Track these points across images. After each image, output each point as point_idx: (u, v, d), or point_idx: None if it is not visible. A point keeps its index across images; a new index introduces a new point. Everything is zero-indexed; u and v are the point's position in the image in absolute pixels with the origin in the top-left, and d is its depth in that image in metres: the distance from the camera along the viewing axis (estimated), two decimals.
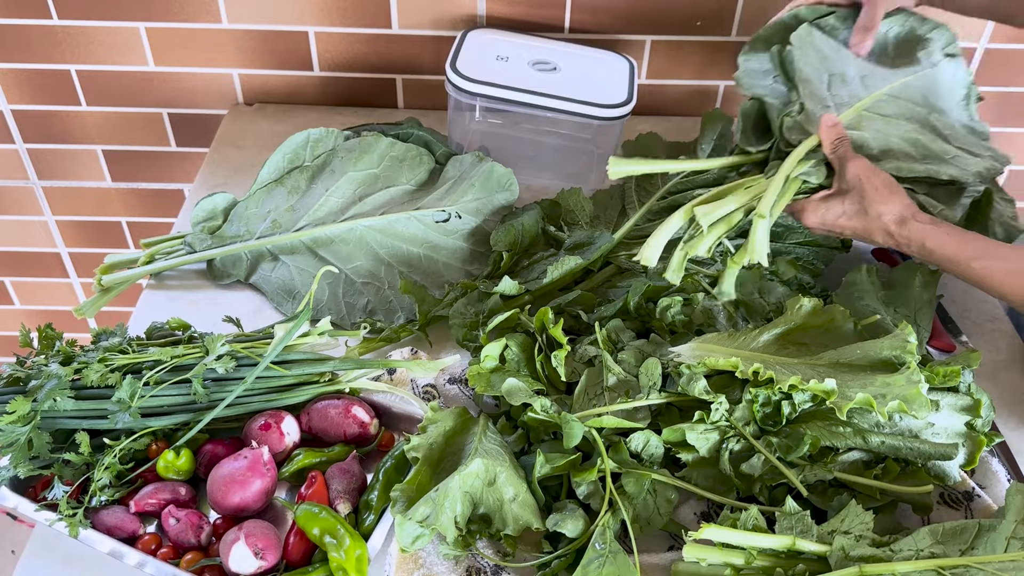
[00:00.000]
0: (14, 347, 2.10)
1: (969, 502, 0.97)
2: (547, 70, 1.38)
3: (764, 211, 1.03)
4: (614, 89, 1.36)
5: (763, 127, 1.19)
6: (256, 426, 0.98)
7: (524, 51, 1.41)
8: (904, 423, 0.95)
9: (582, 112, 1.31)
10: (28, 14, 1.51)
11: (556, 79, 1.36)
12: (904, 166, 1.10)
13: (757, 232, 1.03)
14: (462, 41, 1.41)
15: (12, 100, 1.63)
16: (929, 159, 1.13)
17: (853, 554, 0.83)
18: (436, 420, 0.96)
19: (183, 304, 1.22)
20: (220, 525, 0.93)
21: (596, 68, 1.41)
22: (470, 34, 1.43)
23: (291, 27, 1.52)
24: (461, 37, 1.42)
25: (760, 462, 0.92)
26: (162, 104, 1.63)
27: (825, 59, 1.20)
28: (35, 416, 0.92)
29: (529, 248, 1.24)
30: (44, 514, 0.91)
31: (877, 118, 1.16)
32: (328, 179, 1.28)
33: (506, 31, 1.47)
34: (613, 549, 0.86)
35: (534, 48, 1.43)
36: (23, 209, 1.81)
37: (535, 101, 1.32)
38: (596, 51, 1.45)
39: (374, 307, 1.19)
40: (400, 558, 0.90)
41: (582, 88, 1.33)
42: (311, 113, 1.59)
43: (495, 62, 1.37)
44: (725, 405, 0.94)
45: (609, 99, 1.33)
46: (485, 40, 1.43)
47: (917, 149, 1.14)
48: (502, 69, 1.35)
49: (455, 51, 1.38)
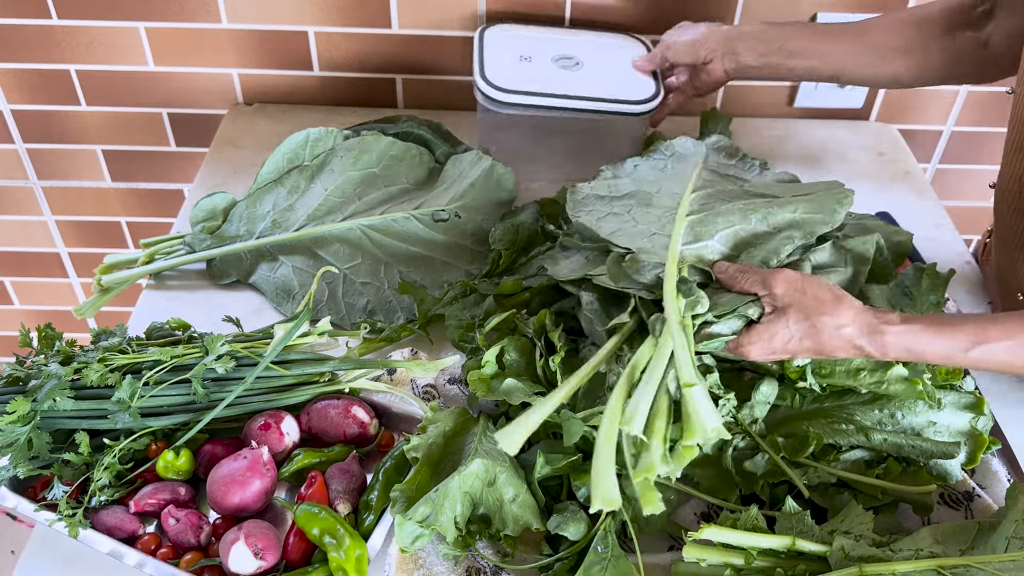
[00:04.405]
0: (14, 347, 2.10)
1: (969, 502, 0.97)
2: (571, 67, 1.37)
3: (689, 378, 0.84)
4: (640, 81, 1.35)
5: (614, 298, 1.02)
6: (256, 426, 0.98)
7: (545, 47, 1.40)
8: (907, 421, 0.95)
9: (616, 111, 1.31)
10: (28, 14, 1.50)
11: (582, 76, 1.36)
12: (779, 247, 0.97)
13: (696, 405, 0.83)
14: (482, 44, 1.38)
15: (12, 100, 1.63)
16: (785, 227, 1.00)
17: (853, 554, 0.83)
18: (436, 420, 0.96)
19: (183, 304, 1.22)
20: (220, 525, 0.93)
21: (618, 58, 1.40)
22: (487, 33, 1.41)
23: (291, 27, 1.52)
24: (479, 38, 1.39)
25: (764, 460, 0.92)
26: (162, 104, 1.63)
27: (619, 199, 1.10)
28: (35, 416, 0.92)
29: (528, 246, 1.24)
30: (44, 514, 0.91)
31: (711, 218, 1.01)
32: (328, 178, 1.28)
33: (519, 24, 1.46)
34: (615, 553, 0.86)
35: (554, 42, 1.42)
36: (23, 209, 1.81)
37: (568, 104, 1.30)
38: (614, 37, 1.44)
39: (374, 307, 1.19)
40: (400, 558, 0.90)
41: (610, 84, 1.33)
42: (311, 113, 1.59)
43: (520, 64, 1.36)
44: (733, 402, 0.94)
45: (638, 93, 1.32)
46: (504, 39, 1.41)
47: (767, 223, 1.00)
48: (529, 72, 1.35)
49: (479, 56, 1.35)
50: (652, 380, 0.86)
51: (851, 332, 0.86)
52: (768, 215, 1.01)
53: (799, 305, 0.87)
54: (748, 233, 0.99)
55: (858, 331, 0.86)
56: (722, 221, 1.00)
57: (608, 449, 0.84)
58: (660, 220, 1.03)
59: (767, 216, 1.01)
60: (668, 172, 1.18)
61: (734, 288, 0.92)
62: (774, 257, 0.95)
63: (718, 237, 0.98)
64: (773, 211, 1.01)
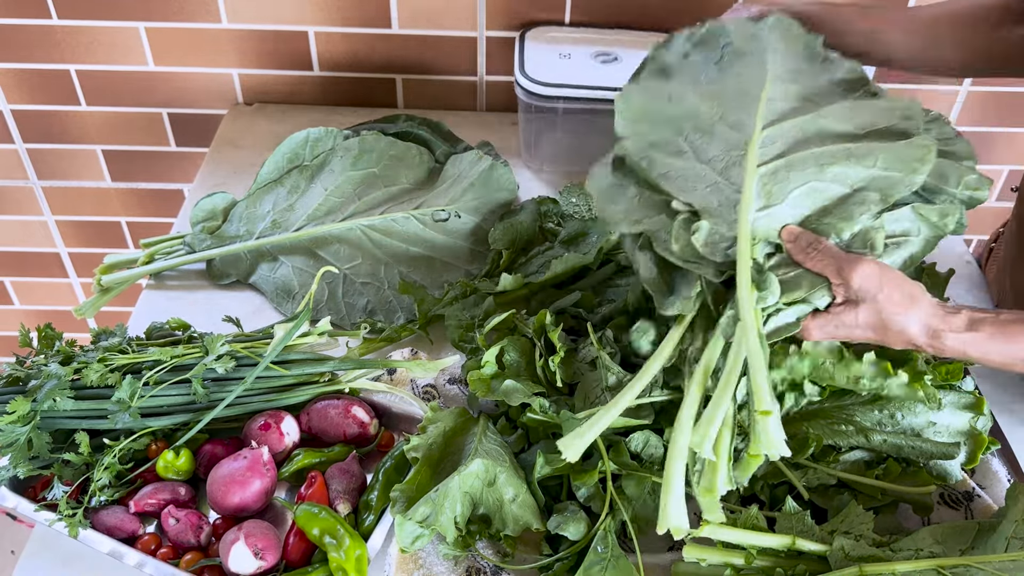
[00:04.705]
0: (14, 347, 2.10)
1: (969, 502, 0.97)
2: (610, 61, 1.41)
3: (766, 406, 0.80)
4: None
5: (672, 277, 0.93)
6: (256, 426, 0.98)
7: (583, 45, 1.44)
8: (906, 421, 0.95)
9: None
10: (28, 14, 1.50)
11: (622, 69, 1.38)
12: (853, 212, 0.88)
13: (769, 430, 0.80)
14: (523, 45, 1.43)
15: (12, 100, 1.63)
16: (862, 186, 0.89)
17: (853, 554, 0.83)
18: (436, 420, 0.96)
19: (183, 304, 1.22)
20: (220, 525, 0.93)
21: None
22: (527, 35, 1.46)
23: (291, 27, 1.52)
24: (520, 40, 1.45)
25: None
26: (162, 104, 1.63)
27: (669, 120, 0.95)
28: (35, 416, 0.92)
29: (527, 246, 1.25)
30: (44, 514, 0.91)
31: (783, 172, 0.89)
32: (327, 178, 1.28)
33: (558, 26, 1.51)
34: (615, 553, 0.86)
35: (592, 41, 1.46)
36: (23, 209, 1.81)
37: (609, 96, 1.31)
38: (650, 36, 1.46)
39: (374, 307, 1.19)
40: (400, 558, 0.90)
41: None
42: (311, 113, 1.59)
43: (560, 60, 1.40)
44: None
45: None
46: (543, 39, 1.46)
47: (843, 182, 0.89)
48: (569, 67, 1.38)
49: (519, 56, 1.40)
50: (724, 399, 0.82)
51: (914, 333, 0.85)
52: (845, 170, 0.89)
53: (872, 302, 0.85)
54: (822, 193, 0.89)
55: (921, 333, 0.85)
56: (795, 177, 0.89)
57: (679, 470, 0.81)
58: (724, 160, 0.91)
59: (844, 172, 0.89)
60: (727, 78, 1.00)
61: (804, 264, 0.86)
62: (848, 225, 0.87)
63: (790, 200, 0.88)
64: (851, 164, 0.89)
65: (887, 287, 0.84)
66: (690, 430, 0.82)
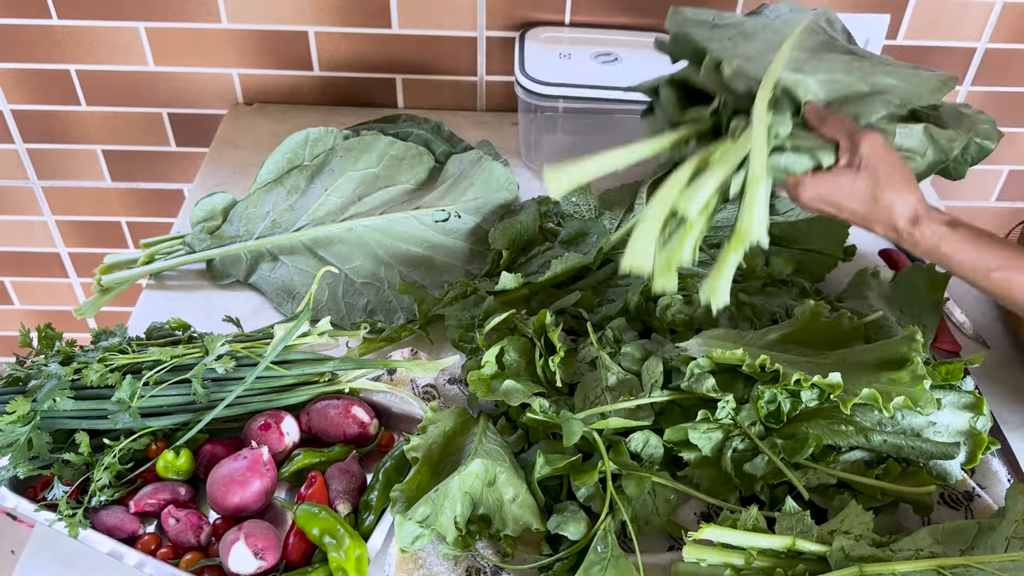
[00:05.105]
0: (14, 347, 2.10)
1: (969, 502, 0.97)
2: (610, 61, 1.41)
3: (759, 172, 0.85)
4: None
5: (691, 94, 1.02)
6: (256, 426, 0.98)
7: (583, 45, 1.44)
8: (906, 421, 0.95)
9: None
10: (28, 14, 1.50)
11: (621, 69, 1.38)
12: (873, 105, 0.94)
13: (756, 201, 0.85)
14: (523, 45, 1.43)
15: (12, 100, 1.63)
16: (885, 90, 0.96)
17: (853, 554, 0.83)
18: (436, 420, 0.96)
19: (183, 304, 1.22)
20: (220, 525, 0.93)
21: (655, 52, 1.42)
22: (527, 35, 1.46)
23: (291, 27, 1.52)
24: (519, 40, 1.44)
25: (763, 462, 0.92)
26: (162, 104, 1.63)
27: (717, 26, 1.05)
28: (35, 416, 0.92)
29: (527, 246, 1.24)
30: (44, 514, 0.91)
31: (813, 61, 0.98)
32: (327, 178, 1.28)
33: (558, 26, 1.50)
34: (615, 553, 0.86)
35: (592, 41, 1.46)
36: (23, 209, 1.81)
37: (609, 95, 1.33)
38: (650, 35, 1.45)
39: (374, 307, 1.19)
40: (400, 558, 0.90)
41: (649, 76, 1.34)
42: (311, 113, 1.59)
43: (560, 60, 1.40)
44: (732, 404, 0.94)
45: None
46: (543, 39, 1.46)
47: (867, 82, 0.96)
48: (569, 67, 1.38)
49: (519, 56, 1.40)
50: (721, 170, 0.87)
51: (899, 213, 0.88)
52: (871, 74, 0.97)
53: (873, 170, 0.88)
54: (846, 85, 0.95)
55: (904, 215, 0.88)
56: (824, 67, 0.96)
57: (656, 216, 0.86)
58: (763, 51, 0.98)
59: (869, 75, 0.97)
60: (774, 24, 1.10)
61: (819, 130, 0.91)
62: (865, 115, 0.93)
63: (816, 79, 0.94)
64: (876, 72, 0.97)
65: (891, 161, 0.89)
66: (680, 188, 0.88)
